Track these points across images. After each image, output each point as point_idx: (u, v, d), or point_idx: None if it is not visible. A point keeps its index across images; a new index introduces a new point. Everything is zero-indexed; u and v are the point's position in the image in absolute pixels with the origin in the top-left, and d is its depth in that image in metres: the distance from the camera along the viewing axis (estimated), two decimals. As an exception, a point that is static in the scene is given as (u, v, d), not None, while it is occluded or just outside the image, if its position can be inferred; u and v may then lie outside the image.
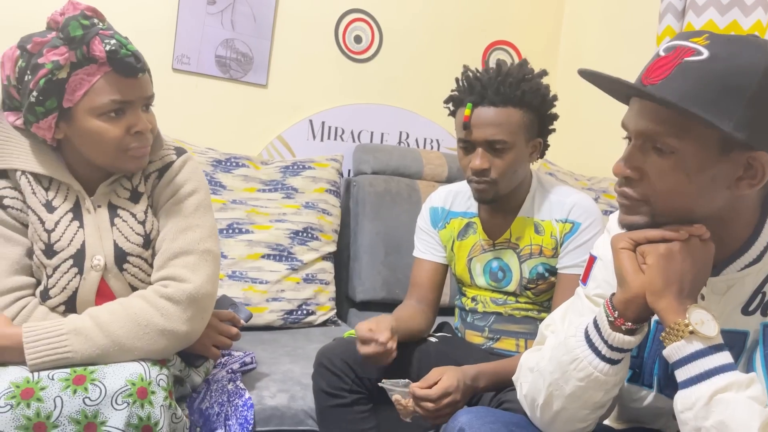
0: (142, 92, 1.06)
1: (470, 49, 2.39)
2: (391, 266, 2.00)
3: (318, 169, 1.96)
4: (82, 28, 0.99)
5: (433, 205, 1.52)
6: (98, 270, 1.10)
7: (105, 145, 1.05)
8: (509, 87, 1.28)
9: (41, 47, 0.99)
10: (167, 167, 1.16)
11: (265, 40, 2.08)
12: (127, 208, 1.13)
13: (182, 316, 1.07)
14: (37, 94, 0.99)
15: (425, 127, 2.34)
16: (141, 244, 1.13)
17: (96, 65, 1.00)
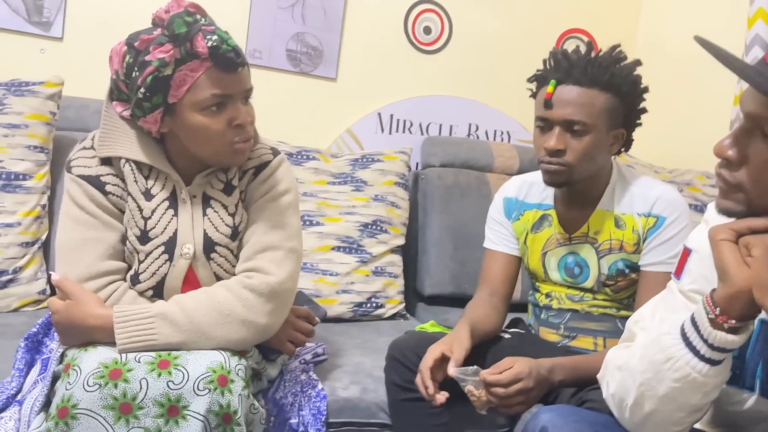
0: (241, 85, 1.07)
1: (543, 38, 2.32)
2: (460, 260, 1.97)
3: (387, 161, 1.94)
4: (186, 25, 1.01)
5: (507, 195, 1.48)
6: (187, 258, 1.13)
7: (208, 139, 1.07)
8: (597, 68, 1.22)
9: (148, 44, 1.02)
10: (264, 166, 1.19)
11: (335, 34, 2.08)
12: (220, 200, 1.16)
13: (263, 308, 1.09)
14: (144, 91, 1.03)
15: (495, 118, 2.29)
16: (229, 235, 1.15)
17: (198, 61, 1.02)
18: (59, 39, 1.84)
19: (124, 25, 1.86)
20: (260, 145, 1.21)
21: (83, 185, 1.10)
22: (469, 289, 1.93)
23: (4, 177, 1.51)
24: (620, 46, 1.30)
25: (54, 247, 1.62)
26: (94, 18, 1.86)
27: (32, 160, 1.55)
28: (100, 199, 1.10)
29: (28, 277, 1.54)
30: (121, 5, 1.87)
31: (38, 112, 1.55)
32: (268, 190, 1.18)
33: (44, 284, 1.57)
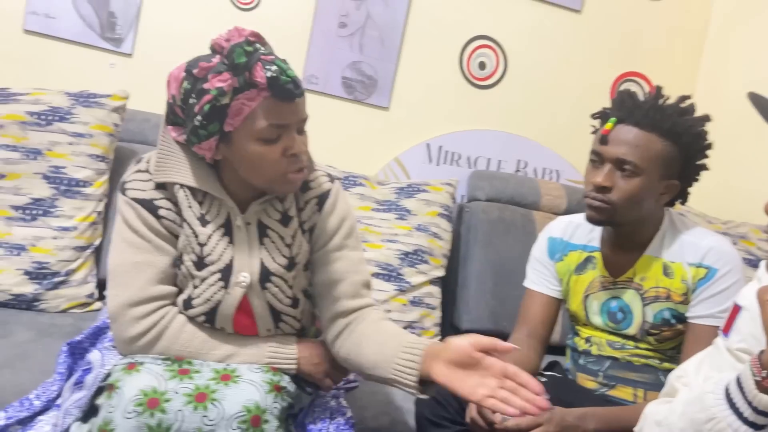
0: (298, 116, 1.06)
1: (598, 80, 2.30)
2: (500, 297, 1.94)
3: (432, 192, 1.95)
4: (245, 55, 0.99)
5: (552, 235, 1.46)
6: (243, 287, 1.13)
7: (263, 168, 1.06)
8: (661, 114, 1.21)
9: (207, 72, 1.01)
10: (325, 196, 1.20)
11: (391, 64, 2.12)
12: (277, 230, 1.15)
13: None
14: (201, 119, 1.02)
15: (545, 156, 2.28)
16: (285, 266, 1.16)
17: (256, 90, 1.01)
18: (129, 55, 1.93)
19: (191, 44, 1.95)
20: (317, 171, 1.22)
21: (137, 209, 1.10)
22: (507, 327, 1.90)
23: (66, 182, 1.58)
24: (690, 97, 1.27)
25: (105, 253, 1.69)
26: (163, 37, 1.94)
27: (93, 168, 1.62)
28: (152, 222, 1.11)
29: (79, 280, 1.59)
30: (189, 26, 1.96)
31: (103, 123, 1.63)
32: (338, 226, 1.20)
33: (93, 288, 1.62)
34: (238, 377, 1.03)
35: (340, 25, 2.06)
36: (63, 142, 1.58)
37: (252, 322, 1.16)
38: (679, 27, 2.34)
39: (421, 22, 2.13)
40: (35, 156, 1.57)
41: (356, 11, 2.06)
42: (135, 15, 1.91)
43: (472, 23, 2.17)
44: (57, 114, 1.59)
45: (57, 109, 1.60)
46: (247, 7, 2.00)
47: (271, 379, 1.05)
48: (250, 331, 1.17)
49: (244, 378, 1.03)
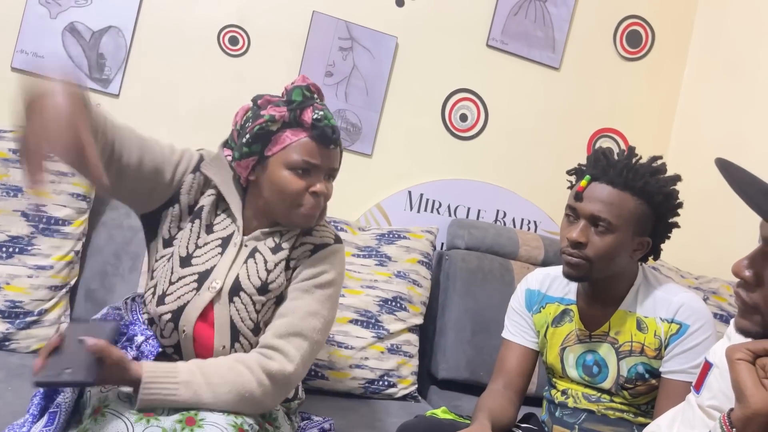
0: (329, 162, 1.20)
1: (576, 135, 2.37)
2: (478, 346, 1.94)
3: (413, 239, 1.97)
4: (302, 96, 1.16)
5: (530, 287, 1.48)
6: (212, 292, 1.18)
7: (285, 195, 1.17)
8: (634, 174, 1.25)
9: (268, 103, 1.18)
10: (322, 247, 1.26)
11: (375, 113, 2.16)
12: (264, 255, 1.22)
13: (274, 395, 1.15)
14: (249, 137, 1.16)
15: (524, 207, 2.32)
16: (258, 287, 1.20)
17: (302, 128, 1.16)
18: (116, 96, 1.95)
19: (178, 88, 1.99)
20: (327, 228, 1.31)
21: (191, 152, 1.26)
22: (485, 377, 1.90)
23: (45, 221, 1.57)
24: (662, 158, 1.32)
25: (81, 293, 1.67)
26: (151, 79, 1.97)
27: (74, 207, 1.61)
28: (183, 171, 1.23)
29: (52, 320, 1.57)
30: (177, 70, 1.99)
31: (86, 163, 1.63)
32: (317, 273, 1.24)
33: (66, 328, 1.60)
34: (203, 420, 1.03)
35: (326, 74, 2.11)
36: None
37: (210, 333, 1.18)
38: (652, 86, 2.43)
39: (405, 73, 2.19)
40: (15, 193, 1.56)
41: (343, 61, 2.12)
42: (124, 57, 1.94)
43: (455, 77, 2.24)
44: (40, 152, 1.59)
45: (41, 148, 1.60)
46: (236, 54, 2.04)
47: (234, 422, 1.05)
48: (207, 341, 1.18)
49: (208, 421, 1.03)
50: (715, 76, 2.33)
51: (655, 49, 2.42)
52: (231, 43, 2.03)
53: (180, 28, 1.99)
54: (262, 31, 2.06)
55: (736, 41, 2.26)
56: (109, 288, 1.70)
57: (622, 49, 2.39)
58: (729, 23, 2.32)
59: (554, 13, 2.30)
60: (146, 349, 1.17)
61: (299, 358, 1.16)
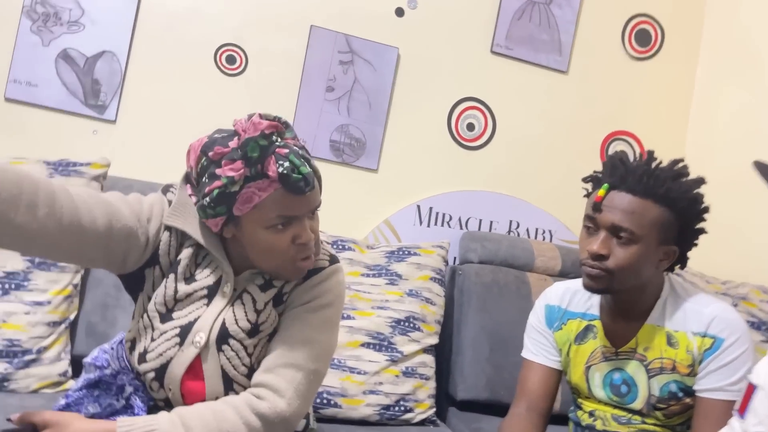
0: (308, 207, 1.06)
1: (588, 139, 2.30)
2: (497, 364, 1.86)
3: (423, 255, 1.89)
4: (259, 150, 1.00)
5: (549, 303, 1.40)
6: (197, 347, 1.08)
7: (271, 255, 1.06)
8: (654, 180, 1.17)
9: (221, 157, 1.02)
10: (315, 272, 1.14)
11: (379, 126, 2.10)
12: (252, 294, 1.10)
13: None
14: (209, 201, 1.02)
15: (537, 216, 2.24)
16: (247, 331, 1.10)
17: (268, 181, 1.01)
18: (112, 122, 1.90)
19: (176, 110, 1.94)
20: (321, 249, 1.18)
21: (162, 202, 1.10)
22: (505, 397, 1.83)
23: (41, 254, 1.52)
24: (683, 160, 1.24)
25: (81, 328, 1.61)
26: (147, 103, 1.92)
27: (70, 238, 1.55)
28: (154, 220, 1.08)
29: (51, 358, 1.51)
30: (174, 92, 1.94)
31: (82, 192, 1.57)
32: (311, 299, 1.13)
33: (67, 365, 1.53)
34: None
35: (327, 88, 2.05)
36: (39, 213, 1.52)
37: (201, 387, 1.09)
38: (665, 85, 2.35)
39: (408, 84, 2.13)
40: (10, 227, 1.51)
41: (344, 75, 2.06)
42: (119, 82, 1.90)
43: (460, 85, 2.17)
44: (34, 184, 1.54)
45: (34, 179, 1.54)
46: (234, 73, 1.99)
47: None
48: (197, 396, 1.09)
49: None
50: (730, 71, 2.25)
51: (666, 47, 2.34)
52: (228, 62, 1.98)
53: (176, 50, 1.94)
54: (259, 49, 2.00)
55: (749, 34, 2.18)
56: (111, 321, 1.64)
57: (631, 48, 2.31)
58: (740, 16, 2.24)
59: (559, 15, 2.23)
60: (135, 402, 1.09)
61: (292, 391, 1.05)
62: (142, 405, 1.09)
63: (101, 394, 1.10)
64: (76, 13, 1.85)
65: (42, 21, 1.82)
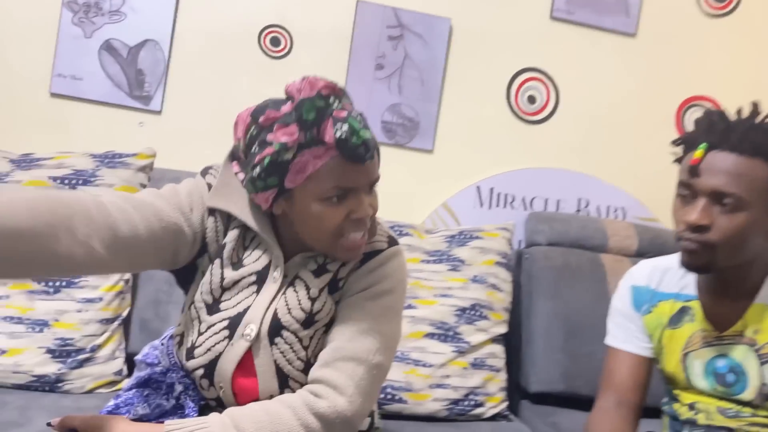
0: (367, 178, 0.95)
1: (661, 107, 2.11)
2: (572, 354, 1.72)
3: (487, 239, 1.76)
4: (315, 111, 0.90)
5: (636, 284, 1.25)
6: (248, 340, 0.98)
7: (322, 230, 0.95)
8: (763, 134, 1.01)
9: (273, 122, 0.92)
10: (373, 255, 1.03)
11: (433, 104, 1.97)
12: (306, 280, 1.01)
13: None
14: (260, 171, 0.93)
15: (608, 193, 2.07)
16: (301, 321, 1.00)
17: (324, 148, 0.91)
18: (158, 112, 1.85)
19: (222, 98, 1.87)
20: (378, 230, 1.06)
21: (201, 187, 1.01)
22: (582, 388, 1.69)
23: (90, 250, 1.46)
24: None
25: (134, 325, 1.56)
26: (192, 92, 1.86)
27: (119, 232, 1.50)
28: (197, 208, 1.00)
29: (105, 357, 1.46)
30: (219, 78, 1.87)
31: (129, 184, 1.52)
32: (369, 285, 1.02)
33: (121, 364, 1.48)
34: None
35: (377, 66, 1.94)
36: (87, 207, 1.47)
37: (254, 384, 0.99)
38: (744, 44, 2.14)
39: (462, 58, 1.99)
40: (58, 223, 1.46)
41: (393, 52, 1.94)
42: (163, 71, 1.84)
43: (518, 55, 2.03)
44: (81, 177, 1.49)
45: (81, 172, 1.50)
46: (279, 56, 1.90)
47: None
48: (250, 393, 0.99)
49: None
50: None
51: (745, 1, 2.13)
52: (273, 44, 1.90)
53: (218, 34, 1.87)
54: (304, 29, 1.91)
55: None
56: (163, 317, 1.58)
57: (706, 5, 2.11)
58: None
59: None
60: (186, 402, 1.00)
61: (353, 387, 0.95)
62: (193, 405, 1.00)
63: (151, 394, 1.02)
64: (117, 2, 1.80)
65: (83, 12, 1.78)
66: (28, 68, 1.77)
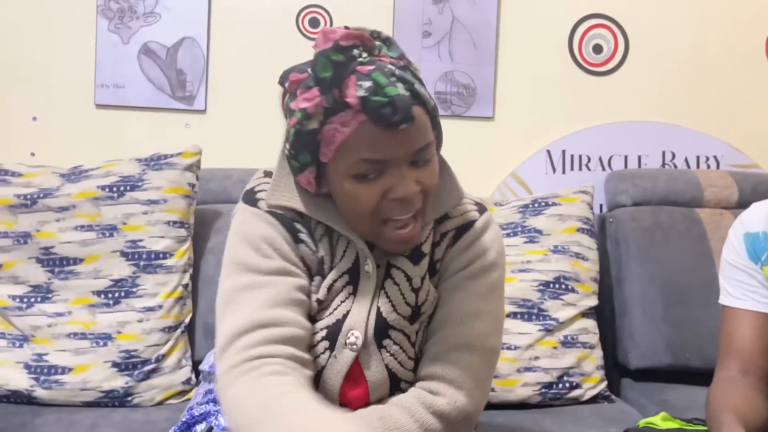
0: (406, 147, 0.78)
1: (749, 39, 1.88)
2: (676, 322, 1.53)
3: (564, 205, 1.60)
4: (332, 67, 0.76)
5: (749, 231, 1.07)
6: (354, 349, 0.86)
7: (358, 212, 0.82)
8: None
9: (296, 87, 0.80)
10: (467, 227, 0.91)
11: (489, 67, 1.82)
12: (404, 269, 0.88)
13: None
14: (289, 147, 0.82)
15: (697, 141, 1.86)
16: (408, 317, 0.88)
17: (352, 111, 0.77)
18: (203, 111, 1.79)
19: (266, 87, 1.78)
20: (465, 198, 0.94)
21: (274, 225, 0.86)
22: (693, 360, 1.51)
23: (145, 257, 1.41)
24: None
25: (198, 331, 1.49)
26: (235, 86, 1.79)
27: (172, 236, 1.44)
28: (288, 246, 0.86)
29: (172, 366, 1.40)
30: (260, 68, 1.79)
31: (176, 185, 1.45)
32: (469, 261, 0.90)
33: (189, 372, 1.42)
34: None
35: (423, 34, 1.81)
36: (137, 213, 1.42)
37: (363, 393, 0.87)
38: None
39: (516, 12, 1.83)
40: (111, 232, 1.41)
41: (439, 16, 1.81)
42: (203, 68, 1.77)
43: (578, 2, 1.84)
44: (128, 183, 1.44)
45: (128, 178, 1.45)
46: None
47: None
48: (359, 404, 0.88)
49: None
50: None
51: None
52: (312, 25, 1.80)
53: (255, 21, 1.79)
54: (343, 5, 1.80)
55: None
56: (228, 320, 1.51)
57: None
58: None
59: None
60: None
61: (470, 379, 0.84)
62: None
63: None
64: (150, 3, 1.75)
65: (118, 17, 1.74)
66: (71, 81, 1.74)
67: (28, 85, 1.74)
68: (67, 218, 1.41)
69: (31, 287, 1.39)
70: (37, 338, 1.37)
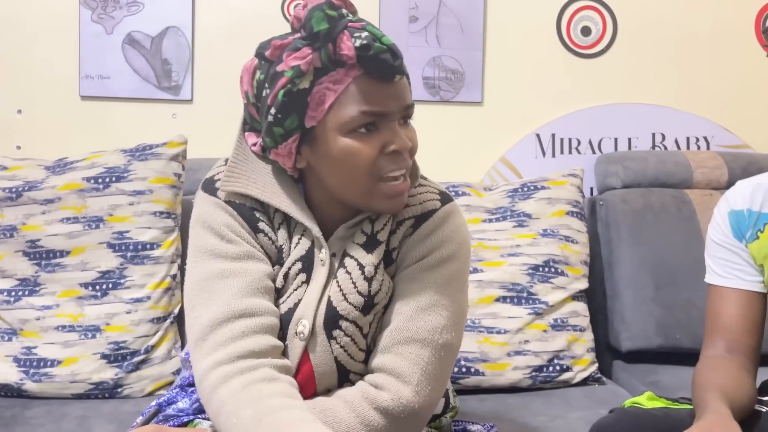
0: (399, 101, 0.81)
1: (737, 17, 1.87)
2: (666, 303, 1.53)
3: (554, 188, 1.59)
4: (327, 21, 0.77)
5: (734, 208, 1.06)
6: (302, 339, 0.85)
7: (355, 170, 0.81)
8: None
9: (281, 51, 0.80)
10: (426, 216, 0.89)
11: (476, 51, 1.81)
12: (357, 257, 0.87)
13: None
14: (275, 112, 0.80)
15: (686, 122, 1.85)
16: (360, 307, 0.86)
17: (344, 69, 0.78)
18: (189, 101, 1.77)
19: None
20: (427, 186, 0.93)
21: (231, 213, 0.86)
22: (684, 341, 1.51)
23: (132, 248, 1.41)
24: None
25: (187, 321, 1.49)
26: (221, 76, 1.77)
27: (159, 227, 1.43)
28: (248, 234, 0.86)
29: (161, 357, 1.40)
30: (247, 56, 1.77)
31: (162, 175, 1.45)
32: (427, 252, 0.88)
33: (179, 363, 1.42)
34: None
35: (410, 19, 1.79)
36: (123, 204, 1.41)
37: (310, 384, 0.86)
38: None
39: (503, -5, 1.82)
40: (97, 224, 1.41)
41: (426, 0, 1.79)
42: (189, 57, 1.76)
43: (565, -17, 1.83)
44: (113, 174, 1.43)
45: (113, 169, 1.44)
46: (305, 23, 1.78)
47: None
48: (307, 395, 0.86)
49: None
50: None
51: None
52: (297, 12, 1.78)
53: (240, 9, 1.77)
54: (328, -9, 1.79)
55: None
56: (217, 310, 1.50)
57: None
58: None
59: None
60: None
61: (419, 374, 0.82)
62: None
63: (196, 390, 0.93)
64: (133, -8, 1.73)
65: (101, 7, 1.72)
66: (55, 73, 1.73)
67: (13, 78, 1.72)
68: (52, 211, 1.40)
69: (19, 281, 1.39)
70: (25, 331, 1.37)
